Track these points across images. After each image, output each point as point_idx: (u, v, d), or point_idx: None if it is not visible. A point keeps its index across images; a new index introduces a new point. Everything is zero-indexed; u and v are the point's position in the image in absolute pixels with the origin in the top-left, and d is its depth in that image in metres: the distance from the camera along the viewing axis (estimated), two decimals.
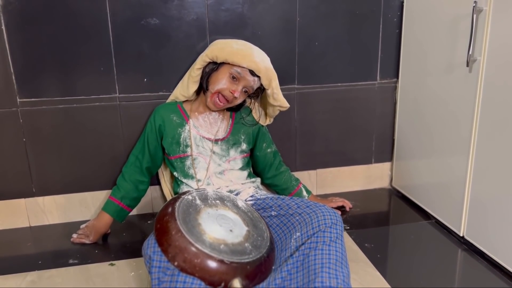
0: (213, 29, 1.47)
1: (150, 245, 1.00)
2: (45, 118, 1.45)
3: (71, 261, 1.30)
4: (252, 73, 1.30)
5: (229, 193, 1.22)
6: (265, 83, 1.33)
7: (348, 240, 1.37)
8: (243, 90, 1.32)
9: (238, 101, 1.35)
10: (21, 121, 1.44)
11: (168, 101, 1.46)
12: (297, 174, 1.64)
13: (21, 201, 1.51)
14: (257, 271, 1.00)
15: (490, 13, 1.18)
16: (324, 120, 1.66)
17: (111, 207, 1.39)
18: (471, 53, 1.22)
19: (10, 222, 1.51)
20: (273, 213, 1.20)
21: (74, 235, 1.42)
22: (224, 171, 1.39)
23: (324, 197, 1.67)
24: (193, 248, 0.96)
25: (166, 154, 1.42)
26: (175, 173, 1.41)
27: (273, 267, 1.06)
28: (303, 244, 1.05)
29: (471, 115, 1.27)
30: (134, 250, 1.34)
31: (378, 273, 1.20)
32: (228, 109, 1.42)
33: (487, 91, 1.21)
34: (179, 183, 1.41)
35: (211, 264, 0.95)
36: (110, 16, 1.40)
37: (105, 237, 1.44)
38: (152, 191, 1.59)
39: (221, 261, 0.96)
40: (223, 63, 1.32)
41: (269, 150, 1.50)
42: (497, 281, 1.18)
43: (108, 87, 1.46)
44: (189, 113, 1.40)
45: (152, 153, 1.41)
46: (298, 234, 1.09)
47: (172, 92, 1.47)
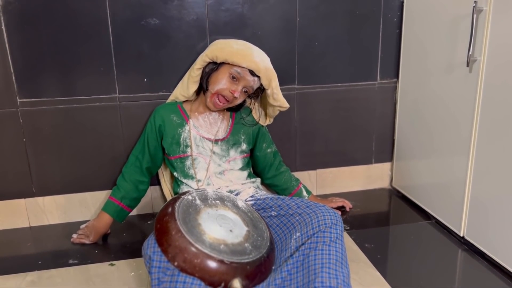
0: (213, 29, 1.47)
1: (150, 245, 1.00)
2: (45, 118, 1.45)
3: (71, 261, 1.30)
4: (252, 73, 1.30)
5: (229, 193, 1.21)
6: (265, 83, 1.33)
7: (348, 240, 1.37)
8: (243, 90, 1.32)
9: (238, 101, 1.35)
10: (21, 121, 1.44)
11: (168, 101, 1.46)
12: (297, 174, 1.64)
13: (21, 201, 1.51)
14: (257, 271, 1.00)
15: (490, 13, 1.17)
16: (324, 120, 1.66)
17: (111, 207, 1.39)
18: (471, 53, 1.22)
19: (10, 222, 1.51)
20: (273, 213, 1.20)
21: (74, 235, 1.42)
22: (224, 171, 1.39)
23: (324, 197, 1.67)
24: (193, 248, 0.96)
25: (166, 154, 1.42)
26: (175, 173, 1.41)
27: (273, 267, 1.06)
28: (303, 244, 1.05)
29: (471, 115, 1.27)
30: (134, 250, 1.34)
31: (378, 273, 1.20)
32: (228, 109, 1.42)
33: (487, 91, 1.21)
34: (179, 183, 1.41)
35: (211, 264, 0.95)
36: (110, 16, 1.40)
37: (105, 237, 1.44)
38: (152, 191, 1.59)
39: (221, 261, 0.96)
40: (223, 63, 1.31)
41: (269, 150, 1.50)
42: (497, 281, 1.18)
43: (108, 87, 1.46)
44: (189, 113, 1.40)
45: (152, 153, 1.41)
46: (298, 234, 1.09)
47: (172, 92, 1.47)
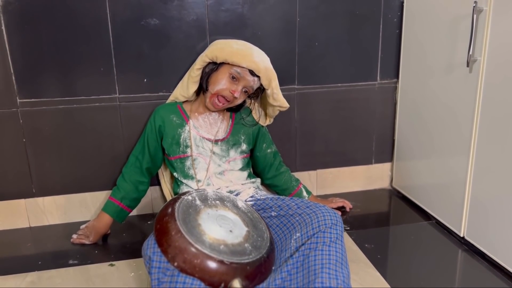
0: (213, 30, 1.47)
1: (150, 245, 1.00)
2: (45, 119, 1.45)
3: (71, 261, 1.30)
4: (252, 73, 1.30)
5: (229, 194, 1.21)
6: (265, 83, 1.32)
7: (348, 241, 1.37)
8: (243, 90, 1.32)
9: (238, 101, 1.35)
10: (21, 121, 1.44)
11: (168, 101, 1.46)
12: (297, 175, 1.64)
13: (21, 201, 1.51)
14: (257, 272, 1.00)
15: (490, 13, 1.17)
16: (324, 120, 1.66)
17: (111, 207, 1.39)
18: (471, 53, 1.22)
19: (10, 223, 1.51)
20: (273, 213, 1.20)
21: (74, 236, 1.42)
22: (224, 171, 1.39)
23: (324, 197, 1.66)
24: (193, 249, 0.96)
25: (166, 155, 1.42)
26: (175, 174, 1.41)
27: (273, 267, 1.06)
28: (303, 244, 1.05)
29: (471, 116, 1.27)
30: (134, 251, 1.34)
31: (378, 274, 1.20)
32: (228, 110, 1.42)
33: (487, 92, 1.21)
34: (179, 183, 1.41)
35: (211, 264, 0.95)
36: (110, 16, 1.40)
37: (105, 237, 1.44)
38: (152, 191, 1.59)
39: (221, 262, 0.96)
40: (223, 63, 1.31)
41: (269, 151, 1.50)
42: (497, 281, 1.17)
43: (108, 87, 1.46)
44: (189, 113, 1.39)
45: (152, 153, 1.41)
46: (298, 234, 1.09)
47: (172, 92, 1.47)
